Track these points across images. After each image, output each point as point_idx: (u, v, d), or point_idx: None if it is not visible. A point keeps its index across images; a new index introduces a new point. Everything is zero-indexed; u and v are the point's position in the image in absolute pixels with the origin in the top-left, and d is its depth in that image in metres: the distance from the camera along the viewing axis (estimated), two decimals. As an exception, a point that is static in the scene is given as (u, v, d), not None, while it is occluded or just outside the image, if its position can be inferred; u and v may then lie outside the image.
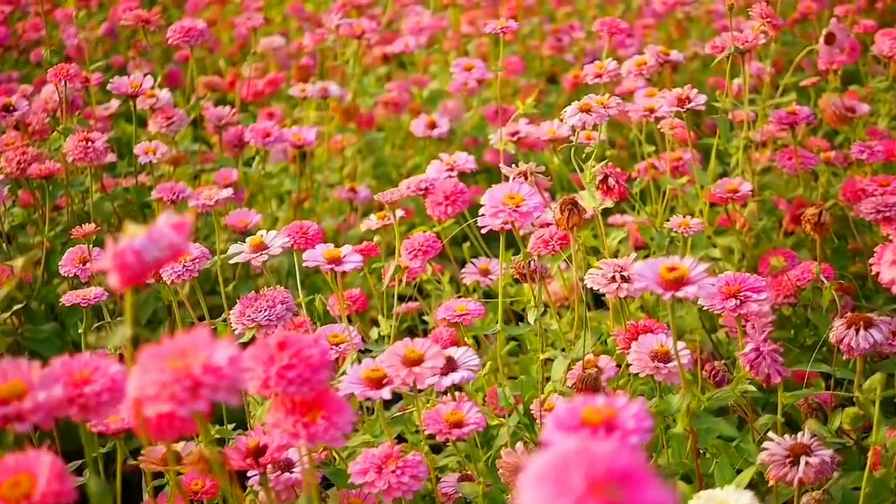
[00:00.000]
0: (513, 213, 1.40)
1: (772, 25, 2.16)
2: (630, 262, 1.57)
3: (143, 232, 0.89)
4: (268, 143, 2.29)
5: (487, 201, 1.42)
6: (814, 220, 1.87)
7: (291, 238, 1.84)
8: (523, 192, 1.43)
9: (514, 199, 1.42)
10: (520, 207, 1.41)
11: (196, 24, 2.45)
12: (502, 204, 1.41)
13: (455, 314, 1.65)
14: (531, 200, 1.42)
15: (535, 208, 1.42)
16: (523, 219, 1.40)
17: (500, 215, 1.41)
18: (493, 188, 1.44)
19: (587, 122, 1.64)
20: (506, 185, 1.45)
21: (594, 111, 1.65)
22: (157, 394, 0.88)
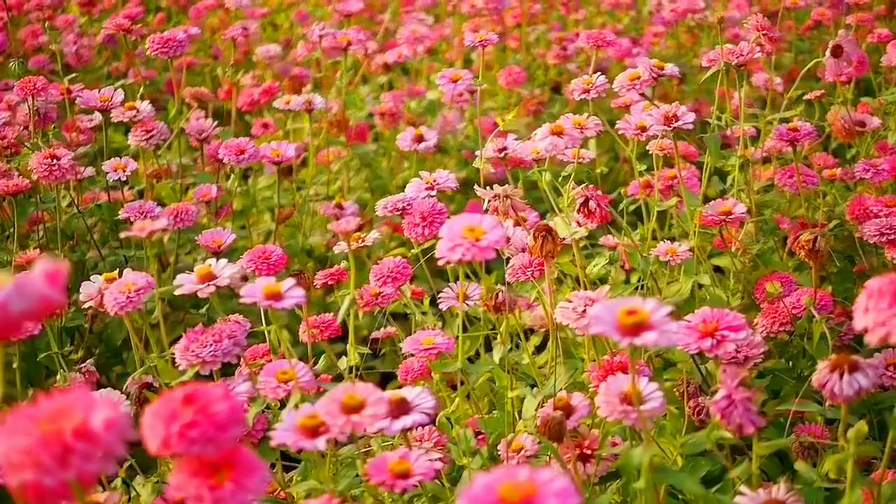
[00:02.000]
0: (471, 248, 1.30)
1: (768, 38, 2.05)
2: (603, 295, 1.47)
3: (10, 281, 0.80)
4: (241, 160, 2.20)
5: (446, 233, 1.32)
6: (808, 246, 1.76)
7: (253, 264, 1.76)
8: (485, 224, 1.33)
9: (475, 231, 1.32)
10: (479, 241, 1.31)
11: (175, 35, 2.37)
12: (461, 237, 1.31)
13: (421, 347, 1.56)
14: (492, 234, 1.31)
15: (497, 242, 1.32)
16: (482, 254, 1.30)
17: (457, 249, 1.31)
18: (453, 219, 1.34)
19: (558, 146, 1.54)
20: (466, 215, 1.35)
21: (567, 133, 1.55)
22: (20, 461, 0.79)
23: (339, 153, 2.87)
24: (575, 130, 1.57)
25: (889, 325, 1.05)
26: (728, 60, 2.03)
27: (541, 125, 3.18)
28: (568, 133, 1.56)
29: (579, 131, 1.60)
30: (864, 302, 1.09)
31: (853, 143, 2.56)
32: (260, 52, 3.23)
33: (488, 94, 3.55)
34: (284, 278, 1.79)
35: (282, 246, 2.58)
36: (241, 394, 1.39)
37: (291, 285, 1.34)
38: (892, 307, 1.06)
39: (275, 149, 2.27)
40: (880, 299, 1.07)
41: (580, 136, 1.57)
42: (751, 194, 2.23)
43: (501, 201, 1.71)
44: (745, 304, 2.13)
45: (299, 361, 1.40)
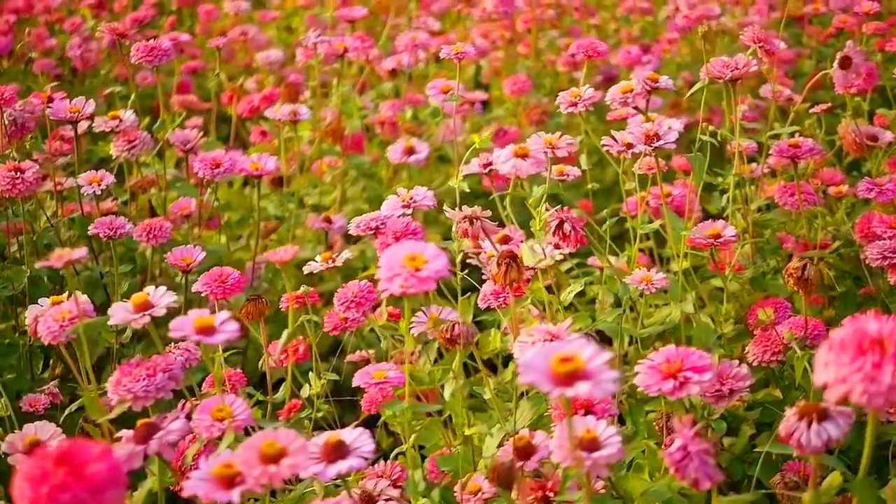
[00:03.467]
0: (410, 279, 1.21)
1: (765, 51, 1.95)
2: (565, 329, 1.38)
3: None
4: (217, 174, 2.12)
5: (385, 261, 1.24)
6: (796, 274, 1.66)
7: (207, 287, 1.68)
8: (427, 253, 1.24)
9: (416, 260, 1.23)
10: (419, 271, 1.22)
11: (160, 44, 2.29)
12: (400, 266, 1.23)
13: (372, 381, 1.47)
14: (435, 263, 1.23)
15: (439, 272, 1.23)
16: (422, 285, 1.21)
17: (395, 280, 1.22)
18: (393, 247, 1.26)
19: (521, 170, 1.45)
20: (407, 243, 1.26)
21: (532, 156, 1.45)
22: None
23: (336, 163, 2.78)
24: (541, 153, 1.47)
25: (849, 382, 0.96)
26: (721, 75, 1.93)
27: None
28: (534, 155, 1.46)
29: (548, 152, 1.51)
30: (824, 355, 0.99)
31: (865, 158, 2.45)
32: (260, 57, 3.16)
33: (497, 102, 3.46)
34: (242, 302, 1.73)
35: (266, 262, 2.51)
36: (174, 432, 1.31)
37: (225, 319, 1.26)
38: (853, 362, 0.96)
39: (254, 162, 2.20)
40: (841, 353, 0.98)
41: (545, 160, 1.47)
42: (747, 213, 2.13)
43: (471, 223, 1.63)
44: (738, 329, 2.03)
45: (237, 398, 1.31)
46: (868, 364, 0.95)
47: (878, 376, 0.94)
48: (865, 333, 0.97)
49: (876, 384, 0.94)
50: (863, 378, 0.95)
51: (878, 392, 0.95)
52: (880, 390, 0.95)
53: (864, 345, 0.96)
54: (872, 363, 0.95)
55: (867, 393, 0.96)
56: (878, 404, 0.95)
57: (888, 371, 0.94)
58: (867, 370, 0.95)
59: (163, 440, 1.30)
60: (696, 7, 3.58)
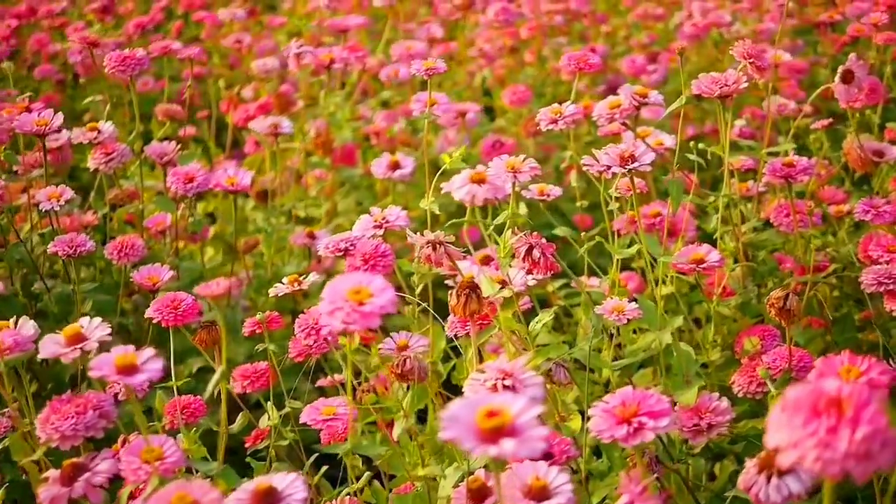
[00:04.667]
0: (352, 313, 1.14)
1: (756, 67, 1.86)
2: (521, 367, 1.29)
3: None
4: (190, 189, 2.05)
5: (327, 294, 1.16)
6: (778, 304, 1.57)
7: (159, 314, 1.61)
8: (373, 286, 1.17)
9: (359, 294, 1.16)
10: (363, 306, 1.14)
11: (134, 53, 2.23)
12: (343, 299, 1.15)
13: (320, 418, 1.39)
14: (380, 297, 1.15)
15: (384, 306, 1.15)
16: (365, 321, 1.14)
17: (336, 314, 1.15)
18: (337, 279, 1.18)
19: (477, 196, 1.36)
20: (353, 274, 1.18)
21: (490, 182, 1.37)
22: None
23: (325, 175, 2.71)
24: (500, 178, 1.39)
25: (802, 448, 0.87)
26: (709, 91, 1.84)
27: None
28: (492, 181, 1.38)
29: (509, 177, 1.42)
30: (776, 415, 0.91)
31: (870, 174, 2.36)
32: (256, 65, 3.09)
33: (499, 112, 3.38)
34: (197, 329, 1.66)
35: (249, 278, 2.44)
36: (101, 473, 1.24)
37: (150, 356, 1.19)
38: (807, 425, 0.88)
39: (230, 177, 2.13)
40: (795, 414, 0.89)
41: (504, 187, 1.38)
42: (739, 236, 2.04)
43: (434, 249, 1.55)
44: (727, 356, 1.94)
45: (169, 438, 1.24)
46: (822, 428, 0.86)
47: (832, 442, 0.86)
48: (822, 393, 0.89)
49: (831, 451, 0.85)
50: (816, 444, 0.86)
51: (833, 459, 0.86)
52: (835, 457, 0.86)
53: (819, 406, 0.88)
54: (827, 427, 0.86)
55: (821, 460, 0.87)
56: (834, 472, 0.87)
57: (844, 436, 0.85)
58: (821, 435, 0.86)
59: (89, 482, 1.23)
60: (707, 14, 3.49)
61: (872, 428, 0.84)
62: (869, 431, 0.84)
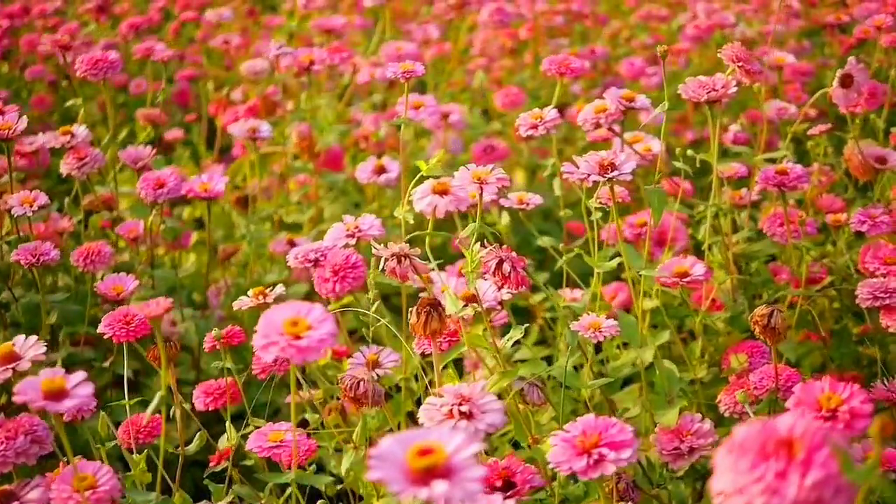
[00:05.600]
0: (288, 347, 1.06)
1: (745, 72, 1.77)
2: (478, 391, 1.21)
3: None
4: (160, 195, 1.98)
5: (261, 325, 1.08)
6: (762, 322, 1.49)
7: (110, 329, 1.53)
8: (313, 316, 1.09)
9: (297, 325, 1.08)
10: (300, 339, 1.06)
11: (107, 55, 2.16)
12: (278, 332, 1.07)
13: (266, 445, 1.32)
14: (320, 329, 1.07)
15: (323, 339, 1.08)
16: (302, 354, 1.06)
17: (271, 349, 1.07)
18: (274, 308, 1.10)
19: (439, 208, 1.28)
20: (290, 305, 1.10)
21: (453, 192, 1.29)
22: None
23: (309, 181, 2.64)
24: (463, 189, 1.31)
25: (748, 494, 0.79)
26: (696, 96, 1.75)
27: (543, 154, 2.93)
28: (455, 192, 1.29)
29: (475, 187, 1.34)
30: (722, 458, 0.83)
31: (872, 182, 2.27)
32: (245, 67, 3.01)
33: (496, 115, 3.29)
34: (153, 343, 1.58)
35: (227, 286, 2.37)
36: (31, 502, 1.16)
37: (80, 380, 1.11)
38: (754, 469, 0.80)
39: (203, 183, 2.05)
40: (741, 457, 0.81)
41: (466, 198, 1.30)
42: (729, 246, 1.95)
43: (399, 262, 1.47)
44: (716, 373, 1.86)
45: (104, 466, 1.17)
46: (770, 473, 0.78)
47: (781, 488, 0.77)
48: (772, 433, 0.81)
49: (778, 498, 0.77)
50: (763, 490, 0.78)
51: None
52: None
53: (768, 447, 0.80)
54: (776, 472, 0.78)
55: (768, 509, 0.79)
56: (783, 522, 0.79)
57: (794, 482, 0.77)
58: (769, 480, 0.78)
59: (18, 512, 1.16)
60: (711, 15, 3.41)
61: (825, 473, 0.76)
62: (820, 477, 0.76)
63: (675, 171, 1.81)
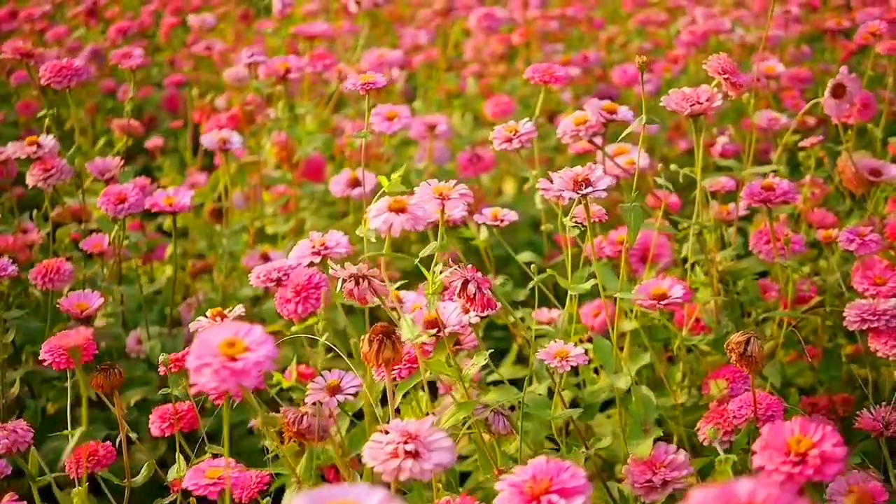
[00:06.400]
0: (222, 370, 0.99)
1: (731, 84, 1.69)
2: (427, 428, 1.13)
3: None
4: (121, 210, 1.91)
5: (195, 347, 1.01)
6: (738, 350, 1.41)
7: (50, 356, 1.46)
8: (251, 338, 1.01)
9: (234, 347, 1.01)
10: (235, 362, 0.99)
11: (71, 63, 2.09)
12: (213, 354, 1.00)
13: (203, 482, 1.24)
14: (258, 352, 1.00)
15: (259, 363, 1.00)
16: (237, 378, 0.99)
17: (204, 371, 1.00)
18: (210, 329, 1.03)
19: (395, 227, 1.21)
20: (228, 325, 1.03)
21: (411, 211, 1.22)
22: None
23: (288, 191, 2.56)
24: (422, 207, 1.23)
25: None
26: (680, 109, 1.67)
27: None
28: (412, 210, 1.22)
29: (436, 204, 1.26)
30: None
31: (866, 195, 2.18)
32: (228, 74, 2.94)
33: (487, 123, 3.22)
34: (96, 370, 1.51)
35: (199, 302, 2.30)
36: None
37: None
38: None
39: (168, 197, 1.98)
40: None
41: (426, 217, 1.22)
42: (713, 265, 1.87)
43: (357, 283, 1.40)
44: (697, 398, 1.78)
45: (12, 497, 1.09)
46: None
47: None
48: (732, 500, 0.73)
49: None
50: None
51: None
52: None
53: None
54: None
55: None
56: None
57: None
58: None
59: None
60: (706, 21, 3.33)
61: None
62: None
63: (661, 184, 1.72)
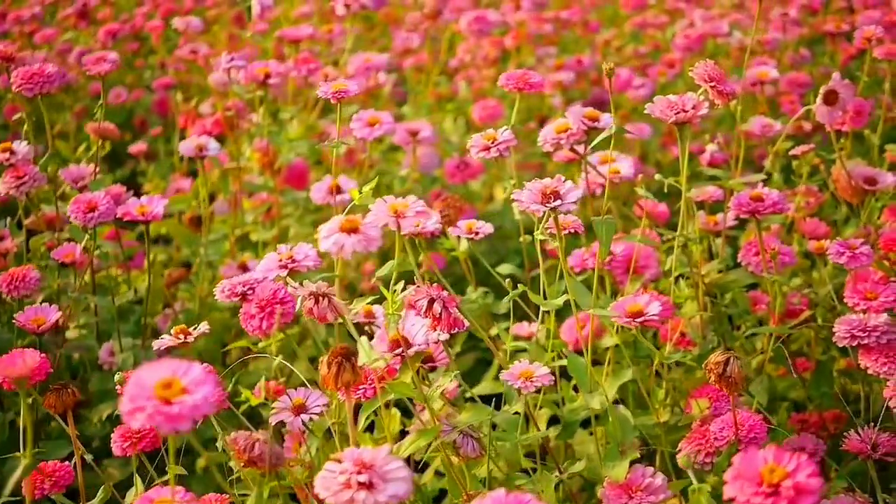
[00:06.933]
0: (156, 415, 0.93)
1: (718, 93, 1.63)
2: (383, 456, 1.08)
3: None
4: (90, 219, 1.85)
5: (129, 387, 0.95)
6: (717, 370, 1.35)
7: (0, 376, 1.40)
8: (189, 377, 0.96)
9: (171, 388, 0.95)
10: (171, 405, 0.93)
11: (44, 69, 2.03)
12: (147, 396, 0.94)
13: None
14: (196, 393, 0.94)
15: (197, 407, 0.94)
16: (172, 424, 0.93)
17: (137, 415, 0.94)
18: (146, 367, 0.97)
19: (346, 247, 1.15)
20: (166, 363, 0.97)
21: (363, 231, 1.16)
22: None
23: (270, 199, 2.51)
24: (375, 227, 1.17)
25: None
26: (664, 117, 1.61)
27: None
28: (365, 230, 1.16)
29: (392, 222, 1.21)
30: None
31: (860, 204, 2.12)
32: (213, 79, 2.88)
33: (476, 129, 3.16)
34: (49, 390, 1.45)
35: (176, 313, 2.24)
36: None
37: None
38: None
39: (141, 205, 1.92)
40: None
41: (376, 236, 1.16)
42: (697, 279, 1.81)
43: (317, 301, 1.34)
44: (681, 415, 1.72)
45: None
46: None
47: None
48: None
49: None
50: None
51: None
52: None
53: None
54: None
55: None
56: None
57: None
58: None
59: None
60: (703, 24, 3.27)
61: None
62: None
63: (642, 193, 1.66)
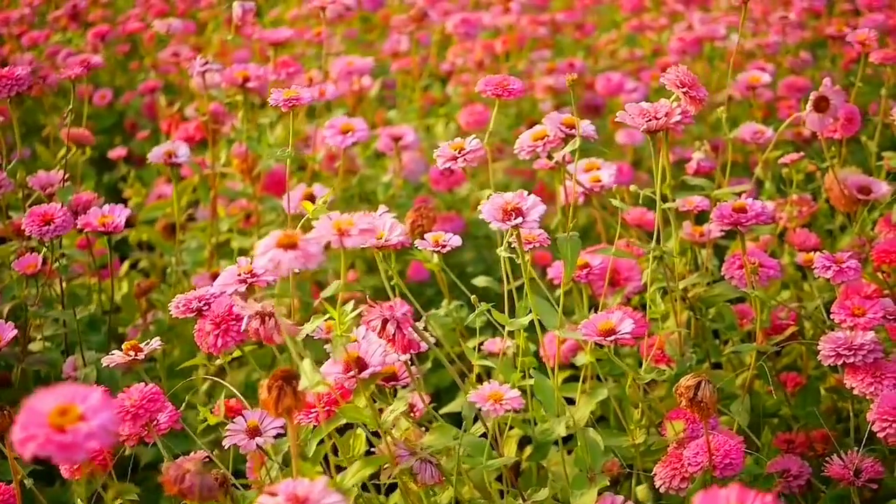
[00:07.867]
0: (48, 445, 0.86)
1: (691, 98, 1.56)
2: (319, 490, 1.01)
3: None
4: (46, 232, 1.78)
5: (22, 416, 0.89)
6: (688, 395, 1.28)
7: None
8: (88, 404, 0.89)
9: (66, 415, 0.88)
10: (64, 434, 0.87)
11: (12, 72, 1.97)
12: (40, 424, 0.87)
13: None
14: (93, 421, 0.87)
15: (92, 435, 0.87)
16: (66, 453, 0.86)
17: (28, 445, 0.87)
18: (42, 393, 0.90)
19: (283, 264, 1.08)
20: (63, 388, 0.90)
21: (303, 247, 1.09)
22: None
23: (249, 205, 2.44)
24: (315, 244, 1.10)
25: None
26: (636, 125, 1.55)
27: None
28: (304, 247, 1.09)
29: (335, 239, 1.14)
30: None
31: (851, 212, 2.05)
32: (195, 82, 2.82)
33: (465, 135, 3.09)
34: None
35: (146, 324, 2.18)
36: None
37: None
38: None
39: (102, 216, 1.85)
40: None
41: (318, 252, 1.09)
42: (679, 293, 1.74)
43: (262, 322, 1.27)
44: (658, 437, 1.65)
45: None
46: None
47: None
48: None
49: None
50: None
51: None
52: None
53: None
54: None
55: None
56: None
57: None
58: None
59: None
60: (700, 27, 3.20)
61: None
62: None
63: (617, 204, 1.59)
